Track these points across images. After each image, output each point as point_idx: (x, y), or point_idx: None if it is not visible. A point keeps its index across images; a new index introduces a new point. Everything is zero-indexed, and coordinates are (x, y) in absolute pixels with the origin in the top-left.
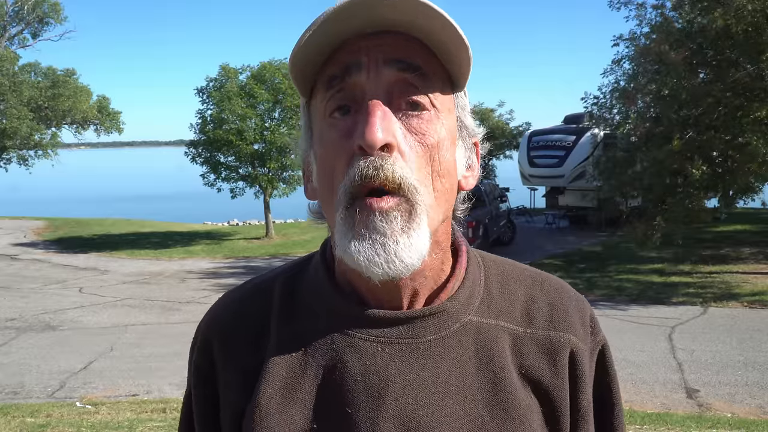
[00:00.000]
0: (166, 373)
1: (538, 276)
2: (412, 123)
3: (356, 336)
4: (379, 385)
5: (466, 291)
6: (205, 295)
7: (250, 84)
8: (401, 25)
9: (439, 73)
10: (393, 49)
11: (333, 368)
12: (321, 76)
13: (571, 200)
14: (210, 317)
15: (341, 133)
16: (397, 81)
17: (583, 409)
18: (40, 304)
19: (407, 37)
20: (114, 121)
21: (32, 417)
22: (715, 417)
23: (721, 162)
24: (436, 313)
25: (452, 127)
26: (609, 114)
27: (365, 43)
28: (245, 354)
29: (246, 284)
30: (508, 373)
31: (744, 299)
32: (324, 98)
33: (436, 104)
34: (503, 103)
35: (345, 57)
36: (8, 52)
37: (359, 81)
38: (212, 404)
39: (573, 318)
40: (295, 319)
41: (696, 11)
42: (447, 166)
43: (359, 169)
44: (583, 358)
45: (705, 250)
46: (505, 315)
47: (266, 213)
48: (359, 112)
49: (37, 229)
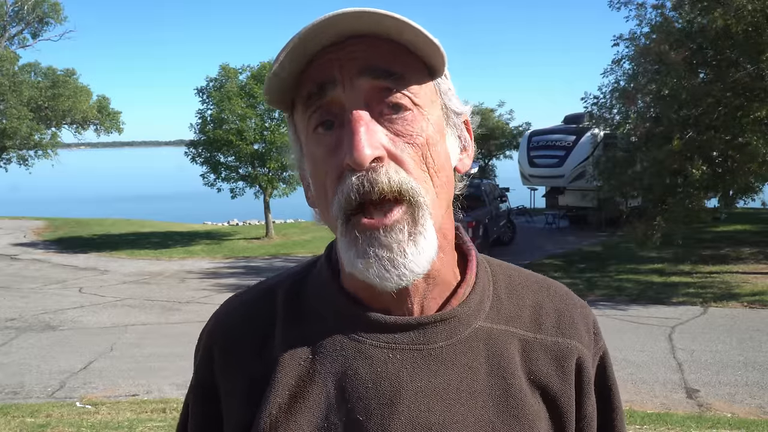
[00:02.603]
0: (166, 373)
1: (543, 282)
2: (397, 126)
3: (366, 342)
4: (391, 393)
5: (477, 296)
6: (205, 295)
7: (250, 84)
8: (366, 31)
9: (415, 66)
10: (364, 57)
11: (343, 375)
12: (298, 91)
13: (571, 200)
14: (214, 322)
15: (327, 149)
16: (374, 88)
17: (588, 415)
18: (40, 304)
19: (375, 41)
20: (114, 121)
21: (32, 417)
22: (715, 417)
23: (721, 162)
24: (447, 319)
25: (438, 119)
26: (609, 114)
27: (335, 55)
28: (250, 360)
29: (251, 288)
30: (518, 379)
31: (744, 299)
32: (305, 115)
33: (417, 102)
34: (503, 103)
35: (317, 74)
36: (8, 52)
37: (336, 96)
38: (213, 421)
39: (579, 325)
40: (302, 324)
41: (696, 11)
42: (441, 161)
43: (353, 186)
44: (588, 364)
45: (705, 250)
46: (514, 321)
47: (266, 213)
48: (342, 126)
49: (37, 229)
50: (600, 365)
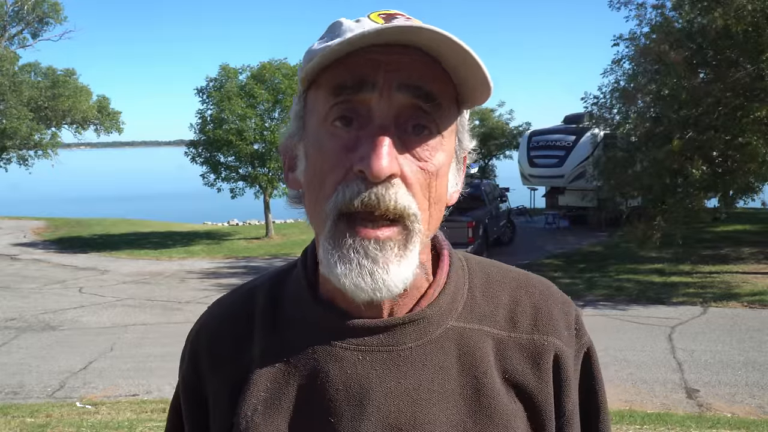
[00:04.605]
0: (166, 373)
1: (523, 278)
2: (417, 149)
3: (337, 345)
4: (360, 394)
5: (448, 297)
6: (205, 295)
7: (250, 84)
8: (423, 46)
9: (450, 94)
10: (409, 72)
11: (315, 378)
12: (327, 75)
13: (571, 200)
14: (199, 325)
15: (341, 145)
16: (409, 106)
17: (568, 413)
18: (40, 304)
19: (424, 57)
20: (114, 121)
21: (32, 417)
22: (715, 417)
23: (721, 162)
24: (416, 320)
25: (451, 150)
26: (609, 114)
27: (382, 57)
28: (230, 363)
29: (233, 291)
30: (491, 379)
31: (744, 299)
32: (327, 102)
33: (442, 130)
34: (503, 103)
35: (358, 69)
36: (8, 52)
37: (369, 99)
38: (201, 424)
39: (558, 321)
40: (278, 329)
41: (696, 11)
42: (441, 192)
43: (360, 195)
44: (568, 361)
45: (705, 250)
46: (488, 319)
47: (266, 213)
48: (363, 129)
49: (37, 229)
50: (584, 361)
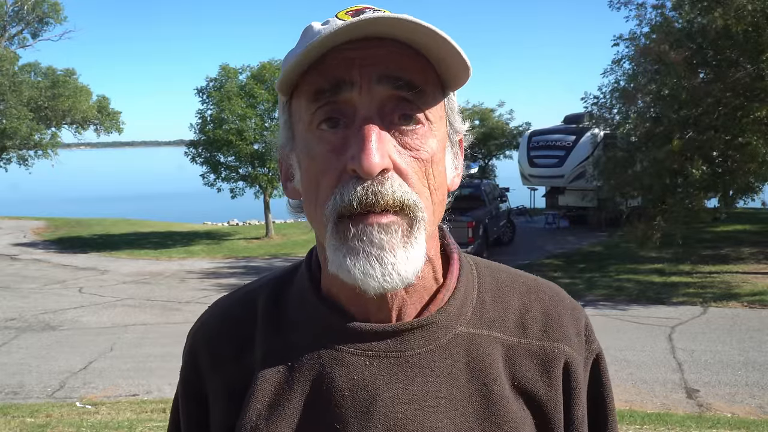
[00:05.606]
0: (166, 373)
1: (533, 283)
2: (406, 139)
3: (343, 350)
4: (367, 400)
5: (458, 302)
6: (205, 295)
7: (250, 84)
8: (397, 36)
9: (433, 80)
10: (387, 64)
11: (320, 383)
12: (306, 81)
13: (571, 200)
14: (199, 324)
15: (330, 147)
16: (391, 97)
17: (577, 421)
18: (40, 304)
19: (401, 47)
20: (114, 121)
21: (32, 417)
22: (715, 417)
23: (721, 162)
24: (425, 325)
25: (443, 136)
26: (609, 114)
27: (356, 54)
28: (231, 363)
29: (234, 292)
30: (500, 385)
31: (744, 299)
32: (309, 109)
33: (429, 117)
34: (503, 103)
35: (332, 70)
36: (8, 52)
37: (350, 98)
38: (201, 423)
39: (568, 327)
40: (281, 332)
41: (696, 11)
42: (440, 178)
43: (356, 194)
44: (578, 368)
45: (705, 250)
46: (497, 325)
47: (266, 213)
48: (350, 128)
49: (37, 229)
50: (593, 368)
